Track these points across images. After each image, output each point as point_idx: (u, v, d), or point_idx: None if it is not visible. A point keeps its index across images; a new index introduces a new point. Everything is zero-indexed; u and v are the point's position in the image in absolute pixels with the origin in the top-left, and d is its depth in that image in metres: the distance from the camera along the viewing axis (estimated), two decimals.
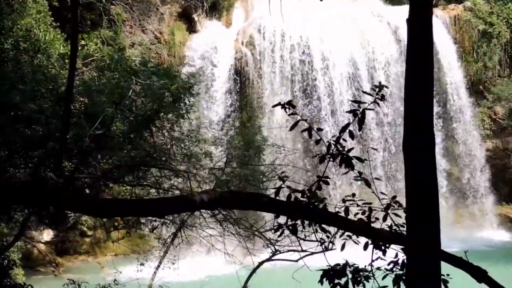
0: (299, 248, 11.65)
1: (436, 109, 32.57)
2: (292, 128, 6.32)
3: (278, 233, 6.49)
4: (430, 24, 5.69)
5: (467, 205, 34.22)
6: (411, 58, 5.75)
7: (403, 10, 32.32)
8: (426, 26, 5.68)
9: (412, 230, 5.88)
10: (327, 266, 6.47)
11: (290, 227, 6.34)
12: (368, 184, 6.30)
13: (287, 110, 6.04)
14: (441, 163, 33.21)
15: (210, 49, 31.28)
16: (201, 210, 11.88)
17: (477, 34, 35.31)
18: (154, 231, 14.56)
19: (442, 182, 32.95)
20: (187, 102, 12.93)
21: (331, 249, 7.02)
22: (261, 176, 15.16)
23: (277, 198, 6.50)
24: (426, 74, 5.75)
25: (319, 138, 6.10)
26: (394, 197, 6.49)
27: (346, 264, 6.44)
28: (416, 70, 5.72)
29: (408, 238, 5.95)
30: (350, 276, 6.38)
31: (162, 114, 12.58)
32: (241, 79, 30.96)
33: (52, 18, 22.83)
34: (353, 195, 6.57)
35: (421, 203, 5.81)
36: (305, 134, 6.32)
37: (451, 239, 27.15)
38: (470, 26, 35.29)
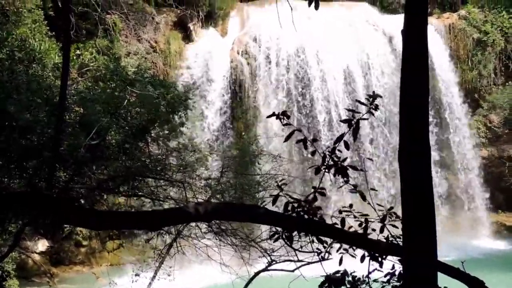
0: (295, 258, 11.64)
1: (431, 117, 32.60)
2: (287, 139, 6.31)
3: (274, 242, 6.46)
4: (425, 34, 5.70)
5: (463, 213, 34.19)
6: (406, 68, 5.76)
7: (399, 19, 32.41)
8: (420, 36, 5.69)
9: (408, 236, 5.87)
10: (323, 275, 6.43)
11: (286, 235, 6.30)
12: (363, 196, 6.28)
13: (282, 120, 6.02)
14: (437, 171, 33.22)
15: (205, 58, 31.26)
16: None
17: (472, 43, 35.39)
18: (150, 242, 14.52)
19: (438, 189, 32.94)
20: (183, 114, 12.92)
21: (328, 259, 6.99)
22: (257, 186, 15.14)
23: (273, 207, 6.47)
24: (421, 82, 5.76)
25: (314, 148, 6.08)
26: (391, 208, 6.47)
27: (345, 273, 6.40)
28: (411, 79, 5.73)
29: (404, 244, 5.94)
30: (348, 286, 6.34)
31: (157, 124, 12.56)
32: (236, 88, 30.94)
33: (48, 28, 22.83)
34: (351, 205, 6.55)
35: (417, 208, 5.82)
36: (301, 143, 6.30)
37: (448, 247, 27.09)
38: (464, 34, 35.38)
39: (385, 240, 6.46)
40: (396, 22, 32.14)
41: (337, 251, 6.59)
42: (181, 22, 32.56)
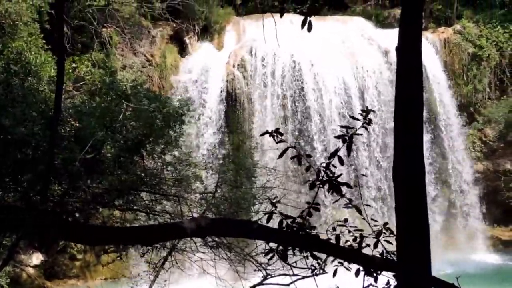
0: (291, 272, 11.60)
1: (426, 131, 32.64)
2: (280, 156, 6.31)
3: (269, 260, 6.46)
4: (419, 50, 5.72)
5: (458, 227, 34.16)
6: (400, 84, 5.77)
7: (394, 33, 32.59)
8: (415, 52, 5.71)
9: (402, 252, 5.88)
10: None
11: (281, 253, 6.29)
12: (359, 211, 6.29)
13: (275, 138, 6.04)
14: (432, 186, 33.24)
15: (201, 71, 31.31)
16: None
17: (467, 57, 35.51)
18: (145, 255, 14.46)
19: (433, 204, 32.93)
20: (178, 128, 12.92)
21: (323, 273, 6.98)
22: (252, 199, 15.11)
23: (268, 223, 6.47)
24: (416, 98, 5.78)
25: (309, 164, 6.09)
26: (385, 224, 6.48)
27: None
28: (405, 95, 5.74)
29: (399, 259, 5.95)
30: None
31: (152, 138, 12.56)
32: (232, 101, 30.96)
33: (44, 41, 22.85)
34: (345, 220, 6.55)
35: (411, 223, 5.82)
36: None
37: (443, 262, 27.09)
38: (460, 49, 35.50)
39: (379, 256, 6.46)
40: (391, 37, 32.24)
41: (332, 262, 6.58)
42: (177, 36, 32.64)
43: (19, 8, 21.61)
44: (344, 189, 6.10)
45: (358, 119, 6.07)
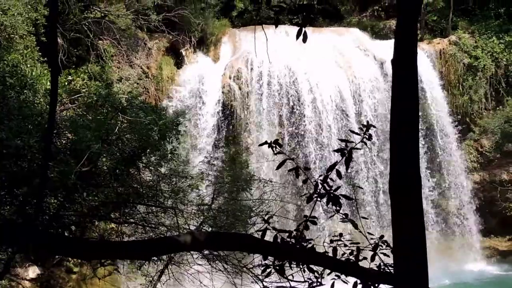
0: (288, 284, 11.56)
1: (422, 143, 32.69)
2: (278, 167, 6.31)
3: (266, 276, 6.43)
4: (415, 63, 5.72)
5: (455, 237, 34.14)
6: (396, 98, 5.76)
7: (390, 44, 32.62)
8: (410, 65, 5.70)
9: (399, 263, 5.86)
10: None
11: (277, 267, 6.27)
12: (355, 225, 6.27)
13: (274, 149, 6.02)
14: (429, 196, 33.22)
15: (197, 83, 31.33)
16: None
17: (462, 68, 35.59)
18: (141, 268, 14.41)
19: (430, 215, 32.93)
20: (174, 139, 12.90)
21: (320, 286, 6.95)
22: (249, 211, 15.08)
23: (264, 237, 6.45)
24: (411, 110, 5.77)
25: (306, 176, 6.08)
26: (382, 236, 6.46)
27: None
28: (401, 107, 5.73)
29: (396, 272, 5.93)
30: None
31: (149, 150, 12.53)
32: (228, 113, 30.97)
33: (40, 53, 22.81)
34: (340, 234, 6.53)
35: (408, 235, 5.80)
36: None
37: (440, 272, 27.03)
38: (455, 59, 35.58)
39: (377, 268, 6.44)
40: (387, 47, 32.34)
41: (329, 274, 6.56)
42: (173, 48, 32.68)
43: (14, 21, 21.61)
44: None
45: (358, 134, 6.05)
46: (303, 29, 5.83)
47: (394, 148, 5.77)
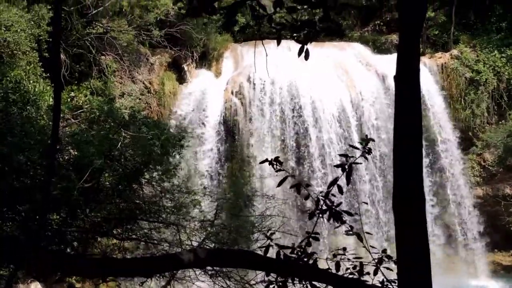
0: None
1: (424, 157, 32.62)
2: (279, 184, 6.30)
3: None
4: (418, 81, 5.70)
5: (458, 252, 34.00)
6: (399, 115, 5.74)
7: (391, 59, 32.61)
8: (413, 83, 5.69)
9: (403, 279, 5.83)
10: None
11: (280, 284, 6.24)
12: (360, 238, 6.25)
13: (274, 166, 6.02)
14: (431, 211, 33.13)
15: (199, 98, 31.37)
16: None
17: (464, 82, 35.57)
18: (143, 284, 14.34)
19: (432, 229, 32.82)
20: (177, 154, 12.90)
21: None
22: (251, 227, 15.05)
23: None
24: (414, 125, 5.75)
25: (308, 193, 6.07)
26: (384, 250, 6.43)
27: None
28: (404, 123, 5.71)
29: (399, 284, 5.89)
30: None
31: (151, 165, 12.53)
32: (230, 128, 30.98)
33: (42, 69, 22.85)
34: (344, 249, 6.51)
35: (412, 250, 5.78)
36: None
37: (444, 287, 26.90)
38: (457, 73, 35.59)
39: (380, 284, 6.41)
40: (388, 62, 32.40)
41: None
42: (176, 63, 32.75)
43: (18, 37, 21.68)
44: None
45: (358, 148, 6.05)
46: (305, 46, 5.84)
47: (397, 161, 5.75)
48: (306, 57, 5.84)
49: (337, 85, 32.64)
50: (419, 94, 5.78)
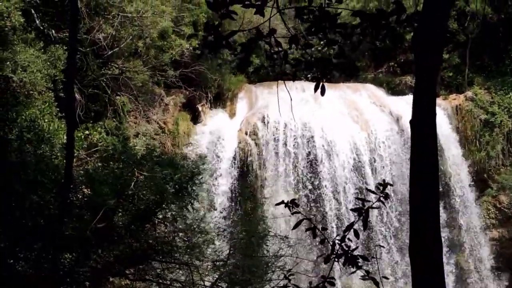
0: None
1: (440, 199, 32.37)
2: (295, 227, 6.23)
3: None
4: (434, 126, 5.65)
5: None
6: (415, 160, 5.67)
7: (406, 100, 32.60)
8: (430, 128, 5.63)
9: None
10: None
11: None
12: (376, 283, 6.13)
13: (291, 209, 5.96)
14: (447, 254, 32.79)
15: (214, 139, 31.43)
16: None
17: (479, 124, 35.50)
18: None
19: (447, 272, 32.42)
20: (191, 192, 12.85)
21: None
22: (265, 267, 14.90)
23: None
24: (431, 177, 5.68)
25: (324, 237, 5.99)
26: None
27: None
28: (421, 172, 5.64)
29: None
30: None
31: (164, 205, 12.48)
32: (244, 169, 30.93)
33: (58, 109, 22.95)
34: None
35: None
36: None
37: None
38: (472, 115, 35.53)
39: None
40: (403, 103, 32.42)
41: None
42: (190, 103, 32.87)
43: (34, 78, 21.82)
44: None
45: (374, 192, 5.96)
46: (321, 82, 5.83)
47: (414, 208, 5.67)
48: (323, 93, 5.82)
49: (351, 126, 32.63)
50: (436, 138, 5.73)
